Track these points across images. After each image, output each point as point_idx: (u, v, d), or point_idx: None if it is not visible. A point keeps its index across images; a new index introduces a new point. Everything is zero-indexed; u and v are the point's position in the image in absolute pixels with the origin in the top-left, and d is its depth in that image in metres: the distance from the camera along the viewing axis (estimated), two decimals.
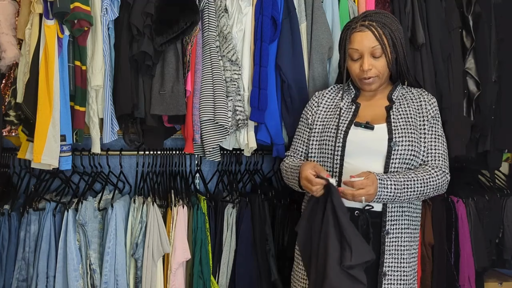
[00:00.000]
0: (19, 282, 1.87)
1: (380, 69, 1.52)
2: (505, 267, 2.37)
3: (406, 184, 1.42)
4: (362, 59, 1.51)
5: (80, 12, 1.71)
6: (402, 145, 1.48)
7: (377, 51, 1.50)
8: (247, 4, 1.99)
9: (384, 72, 1.53)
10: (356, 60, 1.53)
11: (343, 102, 1.61)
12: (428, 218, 2.16)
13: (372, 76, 1.52)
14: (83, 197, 1.95)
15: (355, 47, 1.51)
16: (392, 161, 1.48)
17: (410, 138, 1.49)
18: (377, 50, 1.49)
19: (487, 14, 2.17)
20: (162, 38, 1.80)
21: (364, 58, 1.51)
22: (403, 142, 1.48)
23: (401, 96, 1.60)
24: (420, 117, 1.54)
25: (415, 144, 1.49)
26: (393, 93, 1.59)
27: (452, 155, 2.11)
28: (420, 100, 1.58)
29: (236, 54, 1.95)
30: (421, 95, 1.59)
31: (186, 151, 1.99)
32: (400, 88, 1.62)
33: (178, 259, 1.91)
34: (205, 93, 1.90)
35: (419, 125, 1.53)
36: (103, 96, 1.85)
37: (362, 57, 1.51)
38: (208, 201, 2.04)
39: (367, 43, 1.49)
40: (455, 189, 2.32)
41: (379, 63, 1.51)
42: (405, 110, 1.55)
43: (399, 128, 1.50)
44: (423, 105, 1.56)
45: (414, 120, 1.53)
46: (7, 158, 2.16)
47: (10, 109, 1.82)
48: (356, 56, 1.52)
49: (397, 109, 1.55)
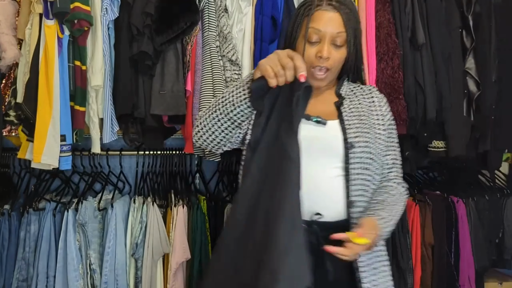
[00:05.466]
0: (19, 282, 1.87)
1: (337, 60, 1.29)
2: (505, 267, 2.37)
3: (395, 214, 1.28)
4: (321, 44, 1.26)
5: (80, 12, 1.71)
6: (359, 146, 1.27)
7: (340, 39, 1.26)
8: (247, 4, 1.99)
9: (338, 66, 1.31)
10: (313, 44, 1.27)
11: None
12: (428, 218, 2.16)
13: (328, 68, 1.28)
14: (83, 197, 1.95)
15: (318, 27, 1.25)
16: (352, 166, 1.26)
17: (366, 139, 1.29)
18: (341, 37, 1.26)
19: (487, 14, 2.17)
20: (162, 38, 1.80)
21: (324, 43, 1.26)
22: (360, 143, 1.28)
23: (349, 91, 1.39)
24: (374, 115, 1.34)
25: (371, 146, 1.29)
26: (341, 88, 1.38)
27: (452, 155, 2.12)
28: (371, 96, 1.38)
29: (236, 54, 1.95)
30: (372, 91, 1.39)
31: (186, 151, 1.99)
32: (347, 83, 1.41)
33: (178, 259, 1.91)
34: (205, 93, 1.90)
35: (372, 123, 1.33)
36: (103, 96, 1.85)
37: (322, 41, 1.26)
38: (208, 201, 2.04)
39: (332, 27, 1.25)
40: (455, 189, 2.33)
41: (338, 54, 1.28)
42: (357, 107, 1.34)
43: (353, 127, 1.29)
44: (375, 102, 1.37)
45: (367, 118, 1.33)
46: (7, 158, 2.17)
47: (10, 109, 1.82)
48: (314, 38, 1.26)
49: (348, 106, 1.34)
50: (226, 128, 1.23)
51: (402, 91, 2.01)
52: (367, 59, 2.02)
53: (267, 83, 1.05)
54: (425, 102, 2.03)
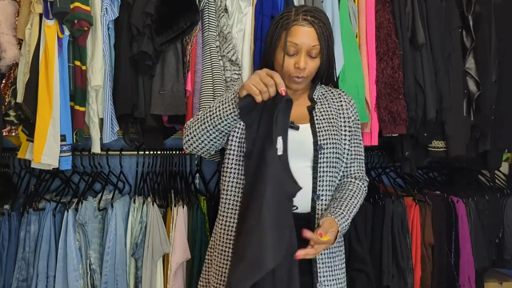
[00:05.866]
0: (19, 282, 1.87)
1: (312, 69, 1.44)
2: (505, 267, 2.37)
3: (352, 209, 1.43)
4: (298, 56, 1.41)
5: (80, 12, 1.71)
6: (327, 147, 1.43)
7: (315, 51, 1.41)
8: (247, 4, 1.99)
9: (313, 73, 1.46)
10: (291, 56, 1.42)
11: None
12: (428, 218, 2.16)
13: (304, 76, 1.43)
14: (83, 197, 1.95)
15: (295, 42, 1.40)
16: (320, 165, 1.42)
17: (334, 141, 1.45)
18: (315, 49, 1.41)
19: (487, 14, 2.17)
20: (162, 38, 1.80)
21: (301, 55, 1.41)
22: (328, 145, 1.44)
23: (321, 95, 1.54)
24: (341, 118, 1.50)
25: (339, 146, 1.46)
26: (314, 93, 1.53)
27: (452, 155, 2.12)
28: (340, 100, 1.53)
29: (236, 54, 1.95)
30: (341, 95, 1.55)
31: (186, 151, 1.99)
32: (319, 87, 1.57)
33: (178, 259, 1.91)
34: (205, 93, 1.90)
35: (340, 125, 1.49)
36: (103, 96, 1.85)
37: (299, 53, 1.41)
38: (208, 201, 2.04)
39: (308, 40, 1.40)
40: (455, 189, 2.33)
41: (313, 63, 1.43)
42: (327, 111, 1.50)
43: (323, 130, 1.45)
44: (343, 105, 1.52)
45: (336, 121, 1.49)
46: (7, 158, 2.17)
47: (10, 109, 1.82)
48: (292, 51, 1.41)
49: (319, 110, 1.49)
50: (214, 138, 1.38)
51: (402, 91, 2.01)
52: (367, 59, 2.02)
53: (253, 100, 1.22)
54: (425, 102, 2.03)
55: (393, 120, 1.99)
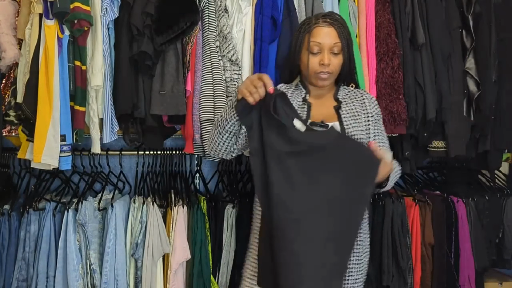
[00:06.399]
0: (19, 282, 1.87)
1: (336, 66, 1.56)
2: (505, 267, 2.37)
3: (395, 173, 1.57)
4: (322, 54, 1.54)
5: (80, 12, 1.71)
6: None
7: (337, 48, 1.54)
8: (247, 4, 1.99)
9: (338, 70, 1.58)
10: (316, 54, 1.55)
11: (294, 102, 1.58)
12: (428, 218, 2.16)
13: (329, 72, 1.55)
14: (83, 197, 1.95)
15: (318, 41, 1.53)
16: None
17: (360, 136, 1.55)
18: (337, 46, 1.53)
19: (487, 14, 2.17)
20: (162, 38, 1.80)
21: (324, 53, 1.53)
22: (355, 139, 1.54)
23: (345, 95, 1.64)
24: (365, 114, 1.59)
25: (365, 140, 1.56)
26: (338, 93, 1.64)
27: (452, 155, 2.12)
28: (363, 98, 1.62)
29: (236, 54, 1.95)
30: (363, 95, 1.64)
31: (186, 151, 1.99)
32: (342, 88, 1.66)
33: (178, 259, 1.91)
34: (205, 93, 1.90)
35: (364, 121, 1.58)
36: (103, 96, 1.85)
37: (322, 51, 1.54)
38: (208, 201, 2.04)
39: (329, 39, 1.53)
40: (455, 189, 2.33)
41: (337, 60, 1.55)
42: (352, 109, 1.59)
43: (350, 127, 1.55)
44: (366, 103, 1.61)
45: (360, 118, 1.58)
46: (7, 158, 2.17)
47: (10, 109, 1.82)
48: (316, 49, 1.54)
49: (345, 108, 1.59)
50: (227, 138, 1.51)
51: (402, 91, 2.01)
52: (367, 59, 2.02)
53: (247, 102, 1.33)
54: (425, 102, 2.03)
55: (393, 120, 2.00)
